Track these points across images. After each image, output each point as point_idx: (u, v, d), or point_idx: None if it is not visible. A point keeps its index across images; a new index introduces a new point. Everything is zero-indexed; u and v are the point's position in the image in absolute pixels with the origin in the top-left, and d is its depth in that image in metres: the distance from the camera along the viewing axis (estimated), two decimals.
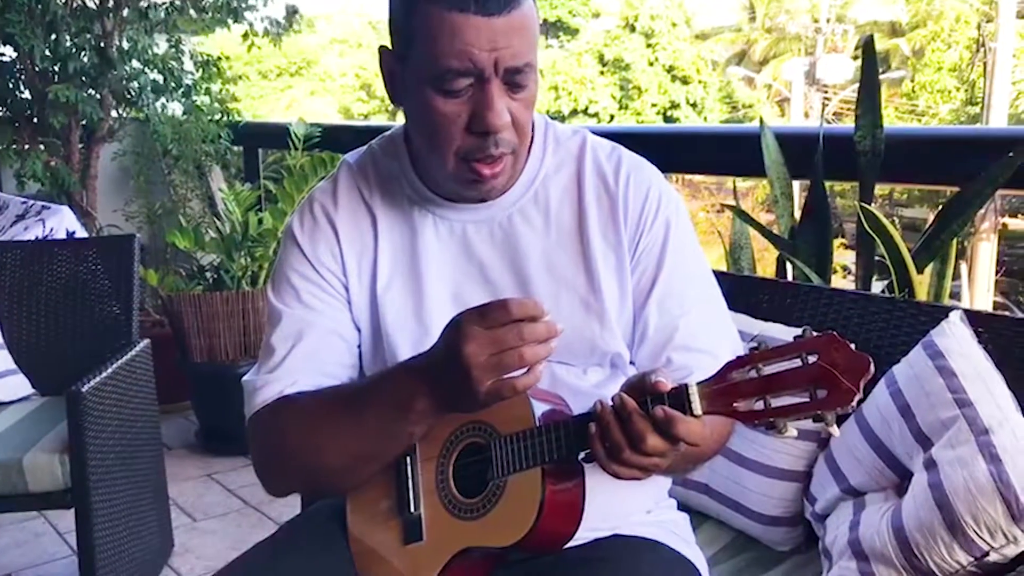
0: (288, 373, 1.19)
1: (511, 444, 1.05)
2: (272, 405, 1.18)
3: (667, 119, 22.44)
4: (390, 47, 1.15)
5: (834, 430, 0.89)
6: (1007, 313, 1.57)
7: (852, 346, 0.87)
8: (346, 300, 1.23)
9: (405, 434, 1.11)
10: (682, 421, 0.93)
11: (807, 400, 0.87)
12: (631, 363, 1.24)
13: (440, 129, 1.10)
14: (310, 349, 1.20)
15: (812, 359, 0.87)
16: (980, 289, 12.74)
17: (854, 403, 0.85)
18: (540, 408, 1.06)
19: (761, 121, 2.26)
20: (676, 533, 1.28)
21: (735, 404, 0.91)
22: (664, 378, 0.96)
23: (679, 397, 0.94)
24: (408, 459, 1.16)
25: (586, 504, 1.07)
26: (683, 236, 1.23)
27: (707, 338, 1.20)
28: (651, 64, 22.76)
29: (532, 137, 1.23)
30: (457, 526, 1.11)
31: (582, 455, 1.03)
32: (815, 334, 0.88)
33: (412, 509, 1.15)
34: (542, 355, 0.97)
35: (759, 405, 0.90)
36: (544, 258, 1.20)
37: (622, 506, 1.23)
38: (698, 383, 0.94)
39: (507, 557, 1.12)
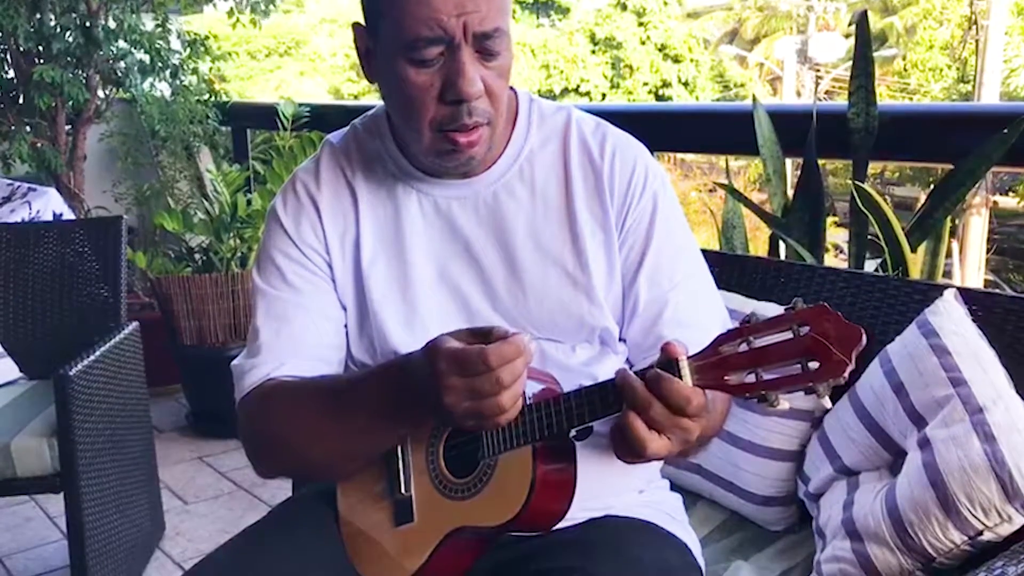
0: (274, 356, 1.18)
1: None
2: (259, 390, 1.17)
3: (659, 98, 22.35)
4: (363, 23, 1.14)
5: (825, 402, 0.88)
6: (1000, 291, 1.56)
7: (843, 317, 0.86)
8: (330, 279, 1.22)
9: (395, 435, 1.12)
10: (669, 380, 0.91)
11: (799, 372, 0.86)
12: (621, 340, 1.23)
13: (414, 101, 1.09)
14: (296, 330, 1.19)
15: (803, 331, 0.86)
16: (971, 267, 12.78)
17: (846, 374, 0.84)
18: (531, 387, 1.05)
19: (754, 99, 2.24)
20: (668, 514, 1.28)
21: (726, 377, 0.90)
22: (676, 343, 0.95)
23: (670, 371, 0.92)
24: None
25: (578, 483, 1.06)
26: (670, 211, 1.23)
27: (697, 312, 1.20)
28: (643, 43, 22.65)
29: (516, 113, 1.23)
30: (448, 506, 1.10)
31: (573, 432, 1.02)
32: (806, 306, 0.87)
33: (403, 490, 1.14)
34: (519, 392, 0.97)
35: (750, 378, 0.89)
36: (530, 233, 1.19)
37: (614, 486, 1.22)
38: (688, 357, 0.93)
39: (499, 537, 1.11)
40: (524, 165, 1.21)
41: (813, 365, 0.85)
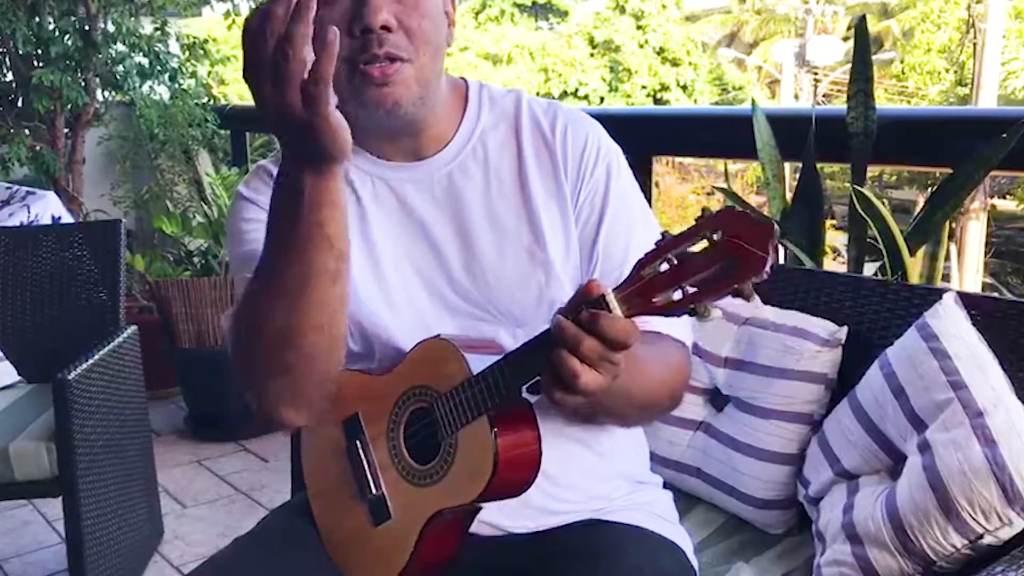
0: None
1: (452, 399, 1.05)
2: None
3: (657, 101, 22.37)
4: None
5: (756, 300, 0.87)
6: (999, 295, 1.56)
7: (751, 215, 0.86)
8: None
9: (312, 223, 0.99)
10: (607, 317, 0.90)
11: (722, 277, 0.86)
12: None
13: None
14: None
15: (717, 236, 0.86)
16: (969, 270, 12.78)
17: (767, 269, 0.84)
18: (474, 359, 1.05)
19: (753, 102, 2.24)
20: (660, 515, 1.28)
21: (654, 300, 0.89)
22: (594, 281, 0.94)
23: (597, 307, 0.91)
24: (358, 443, 1.16)
25: (564, 478, 1.05)
26: (625, 185, 1.23)
27: None
28: (641, 46, 22.67)
29: (467, 98, 1.24)
30: (421, 494, 1.10)
31: (524, 392, 1.01)
32: (714, 211, 0.87)
33: (373, 490, 1.14)
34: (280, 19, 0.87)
35: (677, 295, 0.89)
36: (486, 211, 1.20)
37: (603, 484, 1.23)
38: (613, 289, 0.92)
39: (478, 513, 1.12)
40: (477, 145, 1.22)
41: (734, 267, 0.85)
